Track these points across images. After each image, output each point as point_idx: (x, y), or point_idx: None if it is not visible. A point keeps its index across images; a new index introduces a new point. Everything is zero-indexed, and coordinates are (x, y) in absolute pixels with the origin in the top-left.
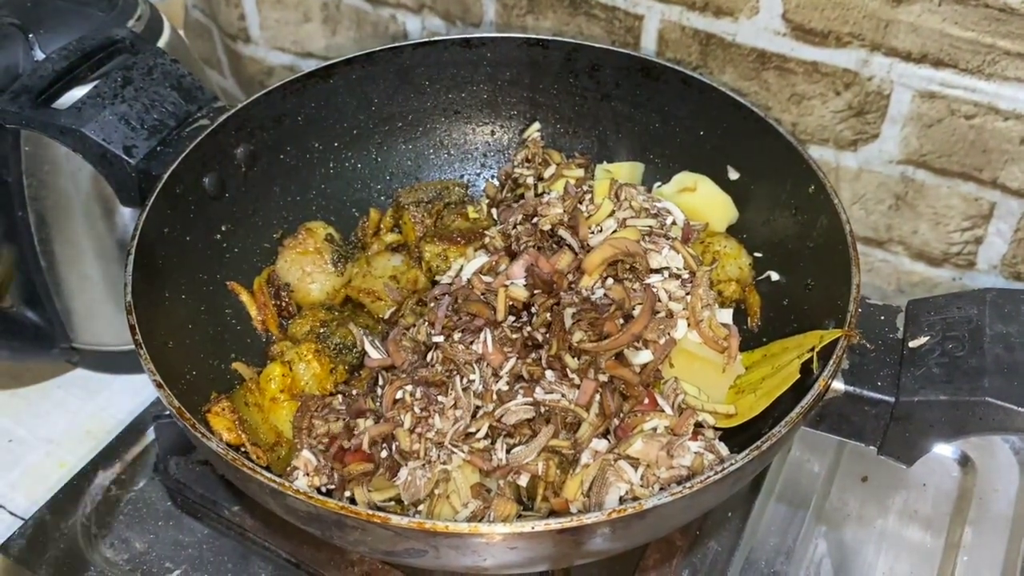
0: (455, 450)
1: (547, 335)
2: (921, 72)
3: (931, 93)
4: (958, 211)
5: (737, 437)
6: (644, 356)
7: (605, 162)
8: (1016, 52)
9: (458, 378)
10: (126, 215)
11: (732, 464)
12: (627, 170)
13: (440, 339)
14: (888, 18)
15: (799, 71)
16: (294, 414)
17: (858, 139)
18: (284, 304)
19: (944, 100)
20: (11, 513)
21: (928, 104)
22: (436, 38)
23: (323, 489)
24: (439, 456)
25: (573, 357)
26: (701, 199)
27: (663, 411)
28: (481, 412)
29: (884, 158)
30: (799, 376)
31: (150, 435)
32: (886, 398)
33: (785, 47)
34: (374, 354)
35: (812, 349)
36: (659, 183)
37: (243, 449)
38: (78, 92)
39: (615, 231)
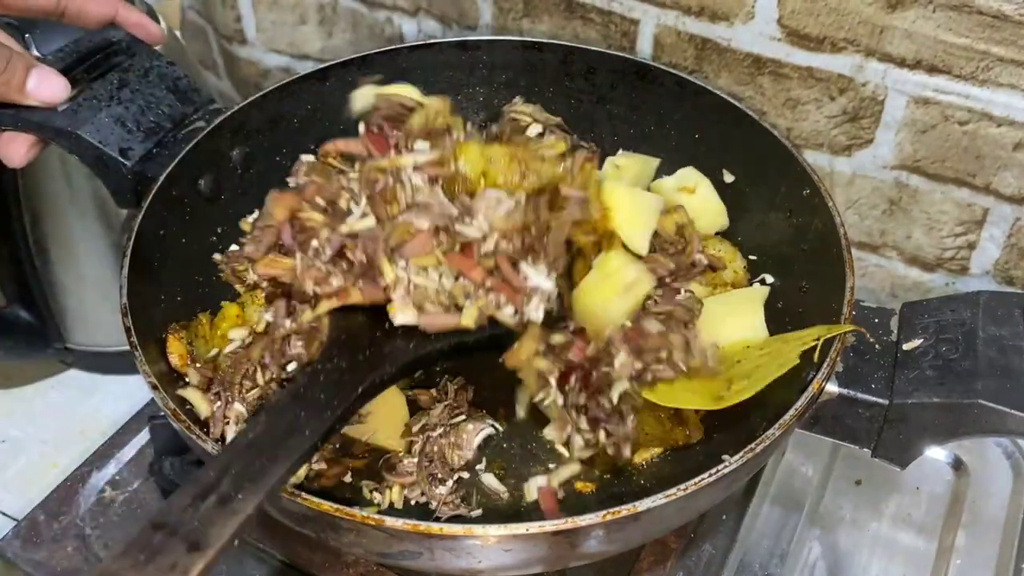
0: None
1: None
2: (915, 78)
3: (925, 99)
4: (951, 216)
5: (731, 439)
6: None
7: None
8: (1010, 59)
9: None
10: (121, 216)
11: (726, 466)
12: (638, 164)
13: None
14: (883, 24)
15: (794, 76)
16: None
17: (852, 144)
18: None
19: (938, 106)
20: (4, 514)
21: (922, 110)
22: (432, 40)
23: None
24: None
25: None
26: (696, 202)
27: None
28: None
29: (878, 163)
30: (798, 362)
31: (144, 436)
32: (880, 400)
33: (780, 52)
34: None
35: (818, 339)
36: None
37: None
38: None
39: None
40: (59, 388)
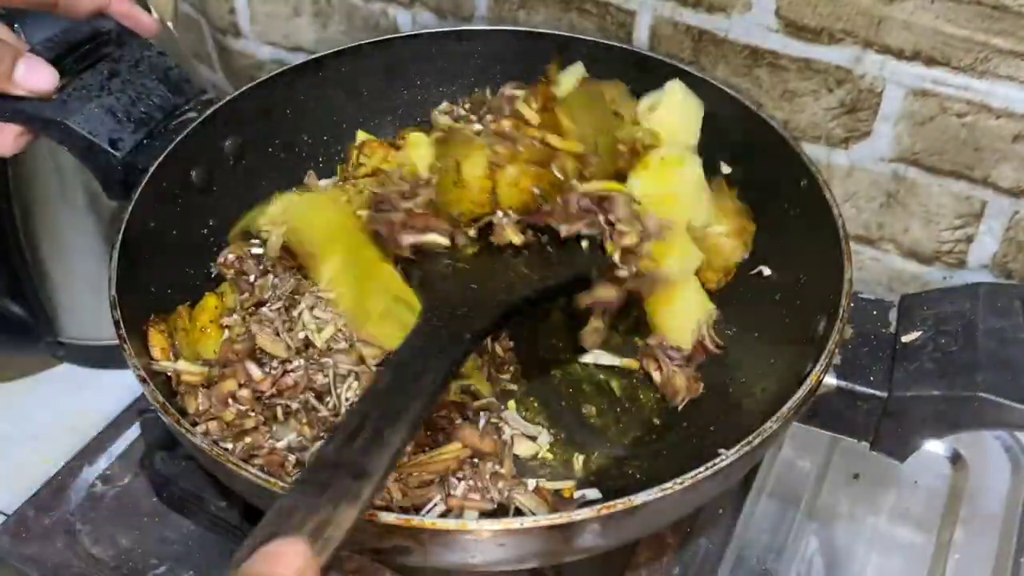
0: None
1: None
2: (913, 70)
3: (923, 91)
4: (949, 209)
5: (727, 433)
6: None
7: None
8: (1009, 50)
9: None
10: (112, 208)
11: (723, 460)
12: None
13: None
14: (881, 15)
15: (791, 68)
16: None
17: (850, 137)
18: None
19: (936, 98)
20: None
21: (920, 102)
22: (426, 31)
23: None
24: None
25: None
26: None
27: None
28: None
29: (876, 156)
30: None
31: (136, 430)
32: (878, 393)
33: (778, 44)
34: None
35: None
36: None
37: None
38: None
39: None
40: (51, 383)
